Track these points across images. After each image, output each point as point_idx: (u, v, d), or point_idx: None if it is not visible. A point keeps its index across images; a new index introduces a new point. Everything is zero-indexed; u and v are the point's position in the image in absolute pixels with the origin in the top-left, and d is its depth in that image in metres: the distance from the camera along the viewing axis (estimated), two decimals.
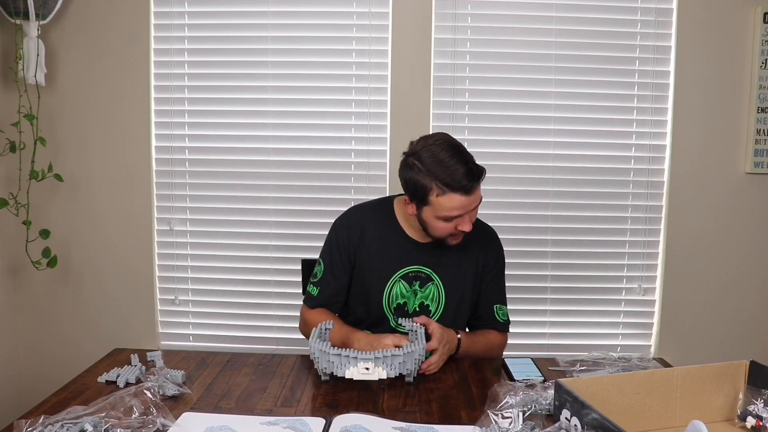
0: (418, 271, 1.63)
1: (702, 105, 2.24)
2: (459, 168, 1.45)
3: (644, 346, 2.33)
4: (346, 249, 1.65)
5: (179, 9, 2.24)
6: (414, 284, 1.63)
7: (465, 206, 1.48)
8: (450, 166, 1.45)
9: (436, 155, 1.47)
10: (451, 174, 1.45)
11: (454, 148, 1.49)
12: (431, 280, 1.63)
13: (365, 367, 1.34)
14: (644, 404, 1.16)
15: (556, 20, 2.21)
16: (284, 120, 2.27)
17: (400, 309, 1.63)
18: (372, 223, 1.67)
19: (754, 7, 2.19)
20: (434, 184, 1.46)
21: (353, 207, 1.75)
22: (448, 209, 1.48)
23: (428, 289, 1.63)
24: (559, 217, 2.28)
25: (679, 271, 2.29)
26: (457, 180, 1.44)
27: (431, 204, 1.49)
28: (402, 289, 1.63)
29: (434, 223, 1.52)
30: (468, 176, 1.45)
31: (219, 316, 2.35)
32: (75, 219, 2.31)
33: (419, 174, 1.48)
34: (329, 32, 2.24)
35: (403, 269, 1.63)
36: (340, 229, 1.68)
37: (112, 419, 1.08)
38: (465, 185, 1.45)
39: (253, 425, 1.16)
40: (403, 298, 1.63)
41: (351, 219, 1.69)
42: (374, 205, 1.73)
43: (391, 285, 1.63)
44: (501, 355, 1.70)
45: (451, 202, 1.47)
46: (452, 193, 1.46)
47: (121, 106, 2.27)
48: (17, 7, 2.05)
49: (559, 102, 2.24)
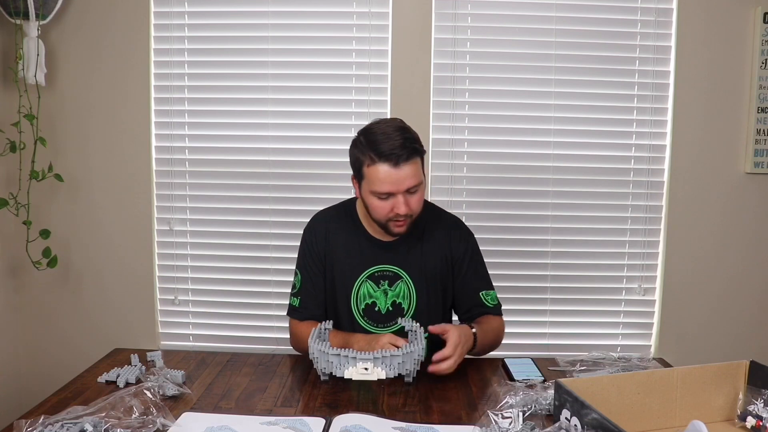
0: (384, 270, 1.62)
1: (702, 105, 2.24)
2: (393, 141, 1.45)
3: (644, 346, 2.33)
4: (316, 253, 1.65)
5: (179, 9, 2.24)
6: (382, 283, 1.61)
7: (394, 181, 1.46)
8: (384, 139, 1.46)
9: (376, 131, 1.49)
10: (382, 145, 1.45)
11: (399, 128, 1.50)
12: (400, 277, 1.61)
13: (364, 368, 1.34)
14: (644, 404, 1.16)
15: (556, 20, 2.21)
16: (284, 120, 2.27)
17: (370, 309, 1.62)
18: (335, 225, 1.66)
19: (754, 7, 2.19)
20: (367, 154, 1.47)
21: (318, 212, 1.74)
22: (378, 182, 1.47)
23: (398, 287, 1.62)
24: (559, 217, 2.28)
25: (679, 271, 2.29)
26: (386, 150, 1.45)
27: (365, 177, 1.50)
28: (369, 289, 1.62)
29: (371, 201, 1.52)
30: (399, 148, 1.44)
31: (219, 316, 2.35)
32: (75, 219, 2.31)
33: (358, 147, 1.51)
34: (329, 32, 2.24)
35: (369, 269, 1.62)
36: (307, 235, 1.68)
37: (112, 419, 1.08)
38: (391, 155, 1.44)
39: (253, 425, 1.16)
40: (371, 297, 1.61)
41: (315, 223, 1.70)
42: (336, 207, 1.73)
43: (358, 285, 1.62)
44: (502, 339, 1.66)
45: (378, 173, 1.46)
46: (380, 162, 1.45)
47: (121, 106, 2.27)
48: (17, 7, 2.05)
49: (559, 102, 2.24)
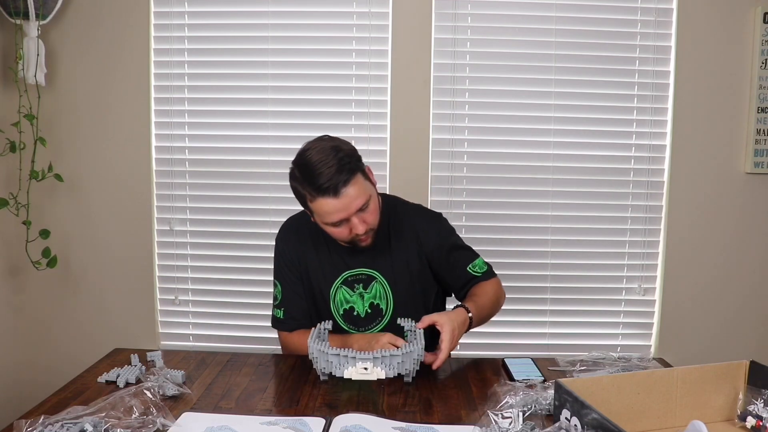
0: (358, 274, 1.60)
1: (702, 105, 2.23)
2: (324, 170, 1.38)
3: (644, 346, 2.33)
4: (291, 261, 1.62)
5: (179, 9, 2.24)
6: (357, 287, 1.60)
7: (341, 209, 1.40)
8: (316, 169, 1.38)
9: (306, 159, 1.41)
10: (316, 178, 1.38)
11: (331, 148, 1.42)
12: (374, 278, 1.60)
13: (364, 367, 1.34)
14: (644, 404, 1.16)
15: (556, 20, 2.21)
16: (284, 120, 2.27)
17: (349, 314, 1.60)
18: (306, 232, 1.62)
19: (754, 7, 2.19)
20: (306, 190, 1.41)
21: (287, 219, 1.70)
22: (326, 215, 1.42)
23: (374, 288, 1.60)
24: (559, 217, 2.28)
25: (679, 271, 2.29)
26: (321, 183, 1.38)
27: (313, 211, 1.46)
28: (345, 294, 1.60)
29: (327, 229, 1.47)
30: (335, 175, 1.37)
31: (219, 316, 2.35)
32: (75, 219, 2.31)
33: (295, 181, 1.44)
34: (329, 32, 2.24)
35: (342, 274, 1.60)
36: (280, 244, 1.65)
37: (112, 419, 1.08)
38: (329, 187, 1.37)
39: (253, 425, 1.16)
40: (348, 303, 1.60)
41: (285, 231, 1.66)
42: (304, 214, 1.62)
43: (334, 292, 1.60)
44: (504, 298, 1.65)
45: (323, 207, 1.41)
46: (320, 197, 1.39)
47: (121, 106, 2.27)
48: (17, 7, 2.05)
49: (559, 102, 2.24)
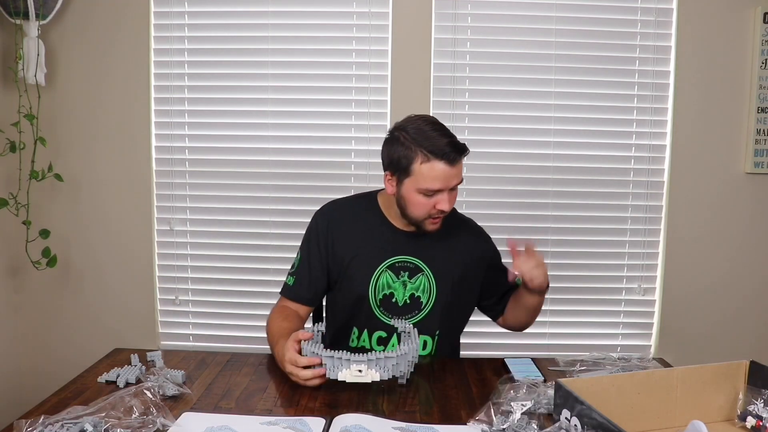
0: (405, 262, 1.60)
1: (702, 105, 2.24)
2: (443, 138, 1.48)
3: (644, 346, 2.33)
4: (324, 239, 1.62)
5: (179, 9, 2.24)
6: (402, 275, 1.60)
7: (446, 178, 1.47)
8: (434, 136, 1.48)
9: (421, 128, 1.50)
10: (435, 142, 1.47)
11: (437, 123, 1.53)
12: (421, 270, 1.60)
13: (358, 369, 1.34)
14: (644, 404, 1.16)
15: (556, 20, 2.21)
16: (284, 120, 2.27)
17: (387, 300, 1.60)
18: (353, 213, 1.65)
19: (754, 7, 2.19)
20: (419, 151, 1.47)
21: (333, 200, 1.72)
22: (430, 179, 1.47)
23: (418, 279, 1.60)
24: (559, 218, 2.28)
25: (678, 271, 2.29)
26: (440, 148, 1.46)
27: (413, 174, 1.49)
28: (389, 279, 1.60)
29: (414, 198, 1.51)
30: (451, 146, 1.47)
31: (219, 316, 2.35)
32: (75, 219, 2.31)
33: (403, 145, 1.50)
34: (329, 32, 2.24)
35: (390, 259, 1.60)
36: (319, 219, 1.66)
37: (112, 419, 1.08)
38: (448, 153, 1.46)
39: (253, 425, 1.16)
40: (390, 288, 1.60)
41: (331, 209, 1.68)
42: (356, 197, 1.73)
43: (377, 275, 1.60)
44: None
45: (433, 171, 1.46)
46: (436, 160, 1.46)
47: (121, 105, 2.27)
48: (17, 7, 2.05)
49: (559, 102, 2.24)
